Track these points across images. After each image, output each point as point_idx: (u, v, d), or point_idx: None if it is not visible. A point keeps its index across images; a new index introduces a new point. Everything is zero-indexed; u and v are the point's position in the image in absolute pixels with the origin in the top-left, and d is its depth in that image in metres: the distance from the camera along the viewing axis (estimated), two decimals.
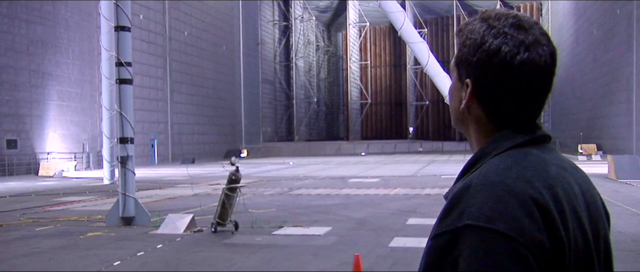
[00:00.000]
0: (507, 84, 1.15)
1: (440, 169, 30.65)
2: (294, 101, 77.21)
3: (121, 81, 11.92)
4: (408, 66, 77.05)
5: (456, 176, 1.22)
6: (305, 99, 79.30)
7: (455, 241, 1.04)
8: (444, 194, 1.18)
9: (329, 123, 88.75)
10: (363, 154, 59.27)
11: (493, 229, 1.01)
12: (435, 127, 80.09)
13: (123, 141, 12.01)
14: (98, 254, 8.70)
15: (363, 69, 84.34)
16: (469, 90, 1.17)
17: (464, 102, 1.18)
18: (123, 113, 11.87)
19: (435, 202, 14.90)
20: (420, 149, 64.17)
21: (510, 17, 1.17)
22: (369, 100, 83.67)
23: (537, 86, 1.16)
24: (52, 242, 10.01)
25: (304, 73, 79.18)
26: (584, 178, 1.20)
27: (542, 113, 1.22)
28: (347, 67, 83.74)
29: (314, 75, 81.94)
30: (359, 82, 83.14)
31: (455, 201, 1.08)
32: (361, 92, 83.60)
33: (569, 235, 1.06)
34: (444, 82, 19.16)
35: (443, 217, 1.09)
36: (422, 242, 8.72)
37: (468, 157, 1.29)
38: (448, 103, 1.29)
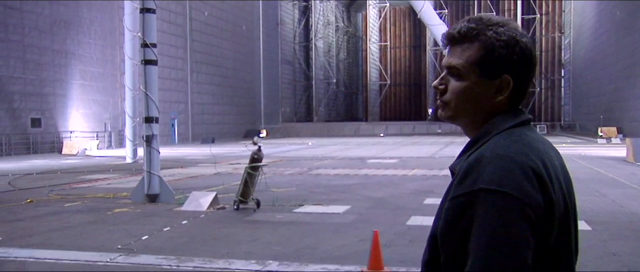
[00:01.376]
0: (531, 74, 1.43)
1: (457, 151, 30.50)
2: (313, 82, 77.31)
3: (146, 62, 12.22)
4: (428, 47, 76.69)
5: (459, 152, 1.47)
6: (324, 79, 79.33)
7: (471, 201, 1.28)
8: (450, 166, 1.42)
9: (348, 104, 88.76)
10: (382, 135, 59.40)
11: (503, 192, 1.25)
12: None
13: (148, 120, 12.33)
14: (126, 229, 9.04)
15: (382, 50, 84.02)
16: (511, 83, 1.40)
17: (503, 94, 1.40)
18: (148, 93, 12.18)
19: None
20: (439, 131, 64.02)
21: (510, 21, 1.42)
22: (388, 82, 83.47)
23: (534, 71, 1.44)
24: (82, 217, 10.39)
25: (323, 54, 79.13)
26: (557, 153, 1.46)
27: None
28: (366, 48, 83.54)
29: (333, 56, 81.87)
30: (378, 63, 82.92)
31: (470, 170, 1.32)
32: (380, 73, 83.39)
33: (556, 195, 1.32)
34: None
35: (459, 183, 1.33)
36: None
37: None
38: (437, 87, 1.49)
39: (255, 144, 11.30)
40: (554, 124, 65.06)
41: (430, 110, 78.37)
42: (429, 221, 9.11)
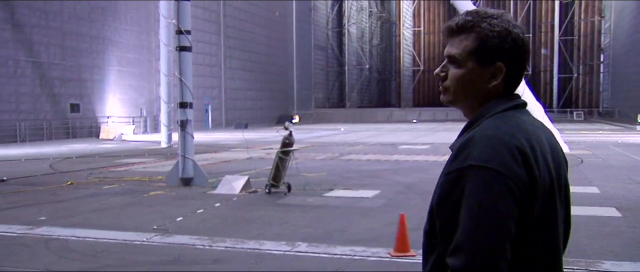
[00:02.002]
0: (523, 61, 1.58)
1: None
2: (346, 67, 77.24)
3: (181, 49, 12.49)
4: None
5: (459, 132, 1.61)
6: (357, 65, 79.20)
7: (462, 176, 1.44)
8: (450, 145, 1.56)
9: (381, 90, 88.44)
10: (414, 121, 59.16)
11: (490, 168, 1.40)
12: None
13: (183, 105, 12.63)
14: (161, 211, 9.35)
15: (416, 35, 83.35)
16: (504, 70, 1.55)
17: (497, 80, 1.55)
18: (182, 79, 12.46)
19: None
20: None
21: (503, 13, 1.56)
22: (422, 67, 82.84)
23: (527, 61, 1.59)
24: (119, 199, 10.76)
25: (356, 39, 78.90)
26: (550, 133, 1.60)
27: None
28: (400, 34, 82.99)
29: (366, 42, 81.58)
30: (411, 49, 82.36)
31: (462, 148, 1.48)
32: (414, 59, 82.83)
33: (540, 173, 1.46)
34: None
35: (453, 161, 1.49)
36: None
37: None
38: (438, 74, 1.63)
39: (286, 129, 11.50)
40: (591, 110, 63.85)
41: None
42: None
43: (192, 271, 5.81)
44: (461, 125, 1.64)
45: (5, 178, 13.81)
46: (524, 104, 1.60)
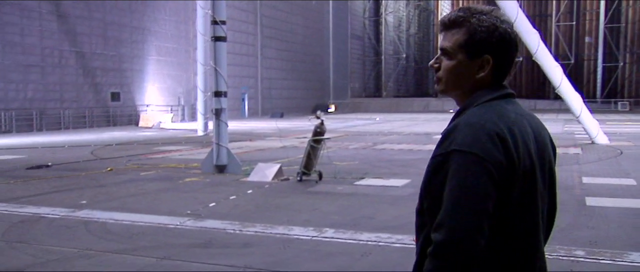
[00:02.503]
0: (509, 54, 1.71)
1: None
2: (383, 57, 76.93)
3: (216, 39, 12.75)
4: None
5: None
6: (394, 54, 78.78)
7: (446, 160, 1.59)
8: (442, 131, 1.70)
9: (418, 79, 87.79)
10: (451, 111, 58.56)
11: (471, 152, 1.55)
12: (529, 85, 77.16)
13: (217, 94, 12.90)
14: (196, 197, 9.64)
15: None
16: (491, 62, 1.69)
17: (485, 71, 1.70)
18: (217, 68, 12.73)
19: None
20: None
21: (493, 9, 1.68)
22: None
23: (515, 53, 1.72)
24: (156, 185, 11.11)
25: (393, 28, 78.44)
26: (537, 122, 1.75)
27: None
28: (437, 23, 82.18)
29: (403, 31, 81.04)
30: None
31: (447, 134, 1.63)
32: None
33: (519, 157, 1.60)
34: (532, 38, 18.81)
35: (439, 145, 1.65)
36: None
37: (561, 115, 1.83)
38: (432, 65, 1.78)
39: (318, 118, 11.66)
40: (638, 101, 61.91)
41: None
42: None
43: (222, 254, 6.03)
44: None
45: (50, 164, 14.35)
46: (511, 94, 1.74)
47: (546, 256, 1.77)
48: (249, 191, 10.15)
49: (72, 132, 29.71)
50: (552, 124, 32.63)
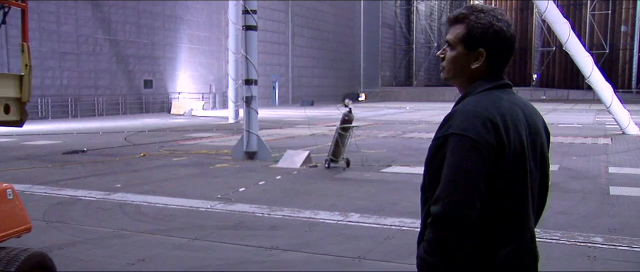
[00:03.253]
0: (504, 49, 1.90)
1: (559, 117, 29.85)
2: (414, 46, 76.48)
3: (247, 28, 12.97)
4: (535, 10, 73.44)
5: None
6: (425, 43, 78.26)
7: (445, 142, 1.80)
8: (445, 116, 1.88)
9: None
10: None
11: (466, 135, 1.75)
12: (562, 75, 75.87)
13: (248, 82, 13.15)
14: (226, 182, 9.91)
15: None
16: (485, 55, 1.89)
17: (479, 63, 1.89)
18: (248, 57, 12.97)
19: None
20: (544, 97, 61.67)
21: (493, 9, 1.85)
22: None
23: (511, 48, 1.90)
24: (187, 170, 11.42)
25: (424, 17, 77.88)
26: (531, 110, 1.93)
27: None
28: None
29: (435, 20, 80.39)
30: None
31: (447, 119, 1.83)
32: None
33: (509, 139, 1.78)
34: (563, 28, 18.66)
35: (440, 129, 1.84)
36: None
37: (593, 106, 2.03)
38: (439, 55, 1.98)
39: (346, 106, 11.82)
40: None
41: (535, 76, 75.46)
42: None
43: (251, 235, 6.27)
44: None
45: (85, 149, 14.81)
46: (507, 84, 1.93)
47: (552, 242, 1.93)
48: (278, 177, 10.39)
49: (105, 118, 30.39)
50: (584, 115, 32.20)
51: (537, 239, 1.94)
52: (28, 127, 10.57)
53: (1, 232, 3.60)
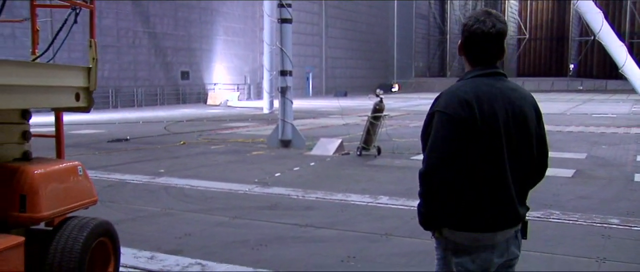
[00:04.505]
0: (478, 44, 2.34)
1: (594, 108, 29.67)
2: (448, 36, 76.12)
3: (282, 20, 13.47)
4: None
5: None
6: (459, 34, 77.36)
7: (432, 117, 2.29)
8: (436, 97, 2.33)
9: None
10: None
11: (445, 112, 2.23)
12: (600, 65, 74.43)
13: (283, 73, 13.66)
14: (262, 168, 10.45)
15: (522, 2, 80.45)
16: (463, 49, 2.39)
17: (462, 55, 2.40)
18: (283, 49, 13.47)
19: (576, 138, 15.12)
20: (580, 88, 60.88)
21: (482, 12, 2.30)
22: (527, 35, 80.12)
23: (484, 44, 2.32)
24: (225, 157, 12.00)
25: (459, 7, 77.36)
26: (517, 95, 2.36)
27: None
28: (505, 1, 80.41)
29: (469, 10, 79.71)
30: (517, 17, 79.69)
31: (436, 99, 2.33)
32: (519, 27, 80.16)
33: (482, 115, 2.23)
34: (595, 18, 18.68)
35: (431, 107, 2.33)
36: (547, 172, 9.46)
37: (631, 96, 2.57)
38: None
39: (377, 96, 12.23)
40: None
41: (572, 66, 74.39)
42: None
43: (287, 215, 6.77)
44: (566, 96, 2.51)
45: (128, 138, 15.54)
46: (495, 73, 2.35)
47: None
48: (312, 164, 10.89)
49: (144, 109, 31.33)
50: (620, 105, 31.92)
51: (553, 219, 2.43)
52: (73, 117, 11.26)
53: (73, 203, 4.15)
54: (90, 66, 4.30)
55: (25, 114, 4.21)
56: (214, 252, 5.26)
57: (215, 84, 39.30)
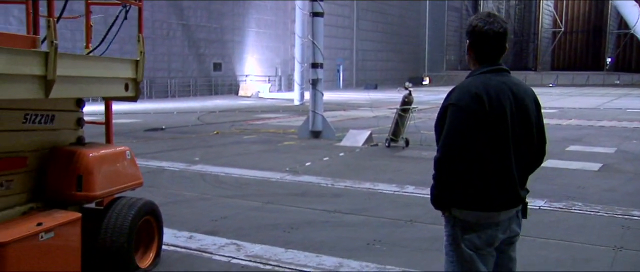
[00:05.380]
0: (484, 43, 2.64)
1: (629, 103, 29.32)
2: None
3: (314, 14, 13.79)
4: None
5: None
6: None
7: (446, 109, 2.58)
8: (449, 91, 2.62)
9: (517, 52, 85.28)
10: (551, 85, 57.06)
11: (457, 104, 2.52)
12: (638, 59, 72.86)
13: (314, 65, 13.98)
14: (293, 157, 10.80)
15: None
16: (470, 48, 2.69)
17: (469, 54, 2.70)
18: (314, 42, 13.78)
19: (607, 133, 15.14)
20: (617, 82, 59.79)
21: (485, 13, 2.60)
22: (563, 28, 78.93)
23: (494, 43, 2.62)
24: (257, 146, 12.39)
25: (492, 0, 76.60)
26: (521, 89, 2.66)
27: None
28: None
29: (503, 2, 78.95)
30: (552, 10, 78.54)
31: (449, 93, 2.63)
32: (554, 20, 79.03)
33: (492, 107, 2.52)
34: (631, 11, 18.55)
35: (444, 100, 2.62)
36: (572, 165, 9.62)
37: None
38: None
39: (406, 88, 12.46)
40: None
41: (608, 60, 73.04)
42: (564, 164, 9.81)
43: (317, 201, 7.10)
44: (601, 91, 2.81)
45: (164, 127, 16.06)
46: (501, 69, 2.66)
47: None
48: (341, 154, 11.20)
49: (178, 99, 31.99)
50: None
51: (575, 209, 2.73)
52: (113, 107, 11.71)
53: (122, 185, 4.54)
54: (138, 59, 4.68)
55: (79, 103, 4.61)
56: (248, 234, 5.62)
57: (246, 76, 39.83)
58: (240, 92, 37.61)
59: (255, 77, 40.45)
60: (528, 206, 2.79)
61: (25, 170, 4.08)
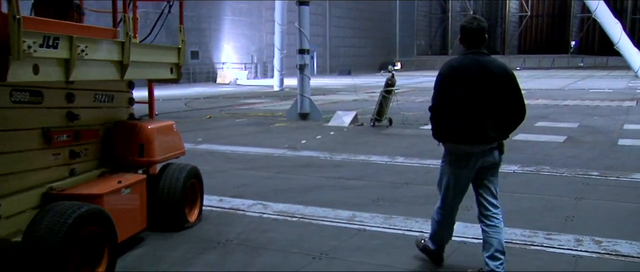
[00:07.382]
0: (469, 35, 3.81)
1: (592, 83, 30.85)
2: (450, 14, 76.95)
3: (300, 3, 14.66)
4: None
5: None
6: (461, 11, 78.46)
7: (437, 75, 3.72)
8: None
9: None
10: (518, 68, 58.74)
11: (440, 72, 3.79)
12: (602, 41, 74.53)
13: (302, 52, 14.87)
14: (287, 136, 11.73)
15: None
16: (460, 38, 3.84)
17: (459, 41, 3.86)
18: (301, 30, 14.66)
19: (571, 110, 16.38)
20: (581, 64, 61.86)
21: (472, 16, 3.76)
22: (529, 13, 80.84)
23: (476, 35, 3.79)
24: (252, 128, 13.28)
25: None
26: (492, 64, 3.82)
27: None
28: None
29: None
30: None
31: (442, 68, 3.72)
32: (521, 5, 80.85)
33: (461, 72, 3.74)
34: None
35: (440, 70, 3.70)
36: (540, 138, 10.71)
37: (630, 72, 4.83)
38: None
39: (389, 71, 13.47)
40: None
41: (573, 43, 75.18)
42: (534, 137, 10.93)
43: (320, 170, 8.05)
44: (566, 73, 4.13)
45: (157, 113, 16.75)
46: (475, 52, 3.79)
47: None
48: (331, 133, 12.17)
49: (158, 88, 32.35)
50: (617, 81, 33.09)
51: (543, 172, 4.15)
52: None
53: (172, 152, 5.44)
54: (180, 47, 5.56)
55: (130, 85, 5.48)
56: (269, 196, 6.56)
57: (224, 63, 40.44)
58: (219, 80, 38.22)
59: (232, 65, 41.09)
60: (503, 148, 3.96)
61: (97, 140, 4.95)
